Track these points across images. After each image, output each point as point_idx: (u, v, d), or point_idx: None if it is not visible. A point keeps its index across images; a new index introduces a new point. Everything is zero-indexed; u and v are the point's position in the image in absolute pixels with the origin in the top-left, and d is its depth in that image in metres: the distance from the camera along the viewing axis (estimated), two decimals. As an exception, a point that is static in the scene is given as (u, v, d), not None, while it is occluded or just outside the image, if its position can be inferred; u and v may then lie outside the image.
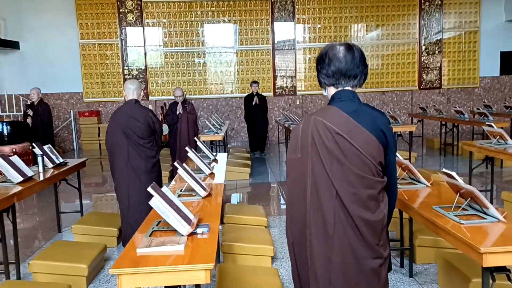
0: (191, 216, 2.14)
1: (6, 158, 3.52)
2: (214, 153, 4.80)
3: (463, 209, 2.23)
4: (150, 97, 11.97)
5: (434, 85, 12.42)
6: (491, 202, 4.92)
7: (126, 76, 11.86)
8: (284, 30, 12.12)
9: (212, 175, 3.63)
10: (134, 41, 11.78)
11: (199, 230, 2.03)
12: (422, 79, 12.39)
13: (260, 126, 9.63)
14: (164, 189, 2.19)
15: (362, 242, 1.84)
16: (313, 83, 12.34)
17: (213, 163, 4.22)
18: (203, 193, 2.71)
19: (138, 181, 3.83)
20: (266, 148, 10.03)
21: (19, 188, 3.41)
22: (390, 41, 12.27)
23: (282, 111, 12.18)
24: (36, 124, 7.52)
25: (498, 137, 4.51)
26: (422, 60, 12.31)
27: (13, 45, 11.33)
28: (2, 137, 7.15)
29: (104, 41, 11.73)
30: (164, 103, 11.86)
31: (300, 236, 1.94)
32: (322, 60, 1.95)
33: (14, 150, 6.92)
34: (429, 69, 12.36)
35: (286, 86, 12.29)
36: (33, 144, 4.26)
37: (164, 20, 11.83)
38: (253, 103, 9.51)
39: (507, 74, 12.49)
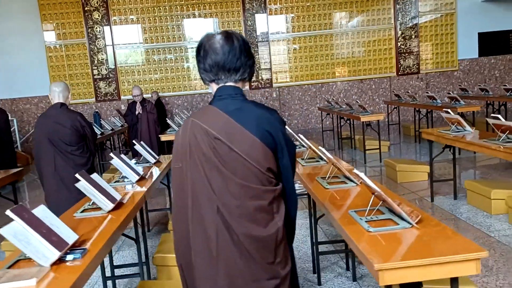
0: (68, 237, 1.88)
1: None
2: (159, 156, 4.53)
3: (380, 212, 1.99)
4: (122, 97, 11.66)
5: (412, 70, 12.17)
6: (455, 193, 4.71)
7: (95, 76, 11.52)
8: (257, 21, 11.80)
9: (142, 181, 3.36)
10: (101, 40, 11.43)
11: (69, 257, 1.77)
12: (400, 65, 12.13)
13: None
14: (40, 208, 1.92)
15: (251, 261, 1.58)
16: (289, 75, 12.07)
17: (154, 168, 3.95)
18: (107, 206, 2.45)
19: (68, 192, 3.53)
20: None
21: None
22: (366, 27, 11.99)
23: (258, 104, 11.91)
24: (-8, 132, 7.21)
25: (456, 123, 4.27)
26: (399, 45, 12.05)
27: (-24, 50, 10.96)
28: None
29: (71, 42, 11.38)
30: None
31: (186, 256, 1.69)
32: (198, 53, 1.68)
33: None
34: (407, 54, 12.10)
35: (262, 79, 12.01)
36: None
37: (132, 17, 11.48)
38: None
39: (486, 55, 12.26)
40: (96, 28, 11.36)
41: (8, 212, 1.71)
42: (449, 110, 4.40)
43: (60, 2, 11.19)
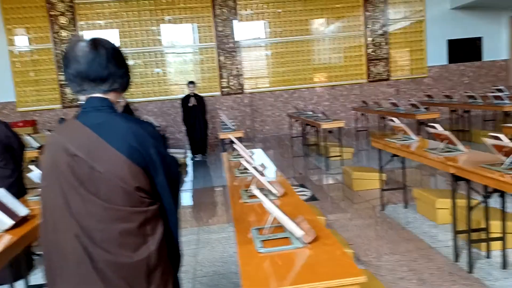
0: None
1: None
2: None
3: (282, 229, 1.87)
4: (89, 103, 11.40)
5: (383, 76, 12.22)
6: (405, 201, 4.65)
7: (61, 82, 11.26)
8: (227, 27, 11.71)
9: None
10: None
11: None
12: (370, 71, 12.17)
13: (200, 128, 9.21)
14: None
15: None
16: (261, 81, 12.00)
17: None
18: (5, 224, 2.28)
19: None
20: (208, 151, 9.62)
21: None
22: (336, 34, 12.01)
23: (231, 110, 11.82)
24: None
25: (403, 132, 4.22)
26: (369, 52, 12.09)
27: None
28: None
29: (37, 47, 11.11)
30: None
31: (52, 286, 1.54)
32: (63, 62, 1.56)
33: None
34: (377, 60, 12.15)
35: (233, 85, 11.90)
36: None
37: (100, 22, 11.28)
38: (190, 104, 9.09)
39: (455, 62, 12.39)
40: (62, 33, 11.12)
41: None
42: (393, 119, 4.35)
43: (24, 6, 10.93)
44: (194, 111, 9.11)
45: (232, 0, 11.54)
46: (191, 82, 9.26)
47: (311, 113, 8.61)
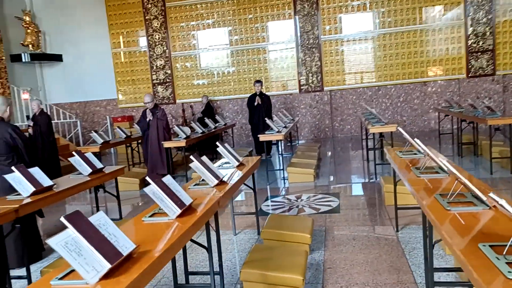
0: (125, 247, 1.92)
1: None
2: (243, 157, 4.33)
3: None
4: (177, 100, 12.23)
5: (486, 71, 10.60)
6: None
7: (154, 81, 12.27)
8: (307, 24, 11.39)
9: (221, 186, 3.16)
10: (159, 47, 12.12)
11: None
12: (470, 66, 10.67)
13: (264, 127, 9.18)
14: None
15: None
16: (342, 78, 11.44)
17: (237, 171, 3.71)
18: (175, 213, 2.32)
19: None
20: (272, 150, 9.54)
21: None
22: (430, 25, 10.79)
23: (309, 108, 11.55)
24: (36, 133, 8.13)
25: None
26: (469, 44, 10.60)
27: (57, 58, 12.47)
28: None
29: (134, 49, 12.27)
30: (191, 105, 12.05)
31: None
32: None
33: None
34: (479, 53, 10.58)
35: (312, 82, 11.57)
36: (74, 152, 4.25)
37: (188, 23, 11.95)
38: (256, 103, 9.12)
39: None
40: (155, 35, 12.08)
41: (62, 219, 1.65)
42: (400, 129, 3.74)
43: (125, 12, 12.14)
44: (259, 110, 9.10)
45: (314, -5, 11.19)
46: (258, 81, 9.26)
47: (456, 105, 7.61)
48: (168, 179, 2.58)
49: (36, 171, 3.54)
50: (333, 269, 3.45)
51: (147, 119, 7.18)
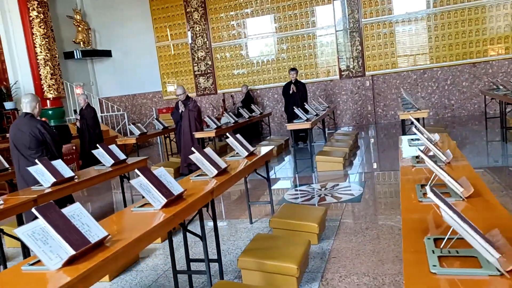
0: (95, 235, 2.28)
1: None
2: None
3: (467, 244, 1.35)
4: (218, 91, 12.46)
5: (544, 49, 9.76)
6: None
7: (195, 73, 12.56)
8: (348, 7, 11.07)
9: (221, 176, 3.29)
10: (200, 38, 12.36)
11: None
12: (526, 44, 9.87)
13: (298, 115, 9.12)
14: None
15: None
16: (385, 62, 11.04)
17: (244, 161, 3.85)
18: (160, 204, 2.77)
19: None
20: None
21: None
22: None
23: (350, 94, 11.30)
24: (83, 126, 8.69)
25: None
26: (524, 19, 9.78)
27: (107, 53, 13.14)
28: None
29: (176, 42, 12.62)
30: (232, 95, 12.22)
31: None
32: None
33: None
34: (537, 29, 9.74)
35: (353, 68, 11.27)
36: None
37: (222, 15, 12.07)
38: (291, 91, 9.08)
39: None
40: (196, 27, 12.33)
41: (33, 210, 1.79)
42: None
43: (167, 6, 12.50)
44: (294, 98, 9.05)
45: (353, -23, 10.84)
46: (293, 69, 9.20)
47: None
48: (160, 171, 2.71)
49: (58, 163, 3.83)
50: (338, 258, 3.44)
51: (180, 111, 7.41)
